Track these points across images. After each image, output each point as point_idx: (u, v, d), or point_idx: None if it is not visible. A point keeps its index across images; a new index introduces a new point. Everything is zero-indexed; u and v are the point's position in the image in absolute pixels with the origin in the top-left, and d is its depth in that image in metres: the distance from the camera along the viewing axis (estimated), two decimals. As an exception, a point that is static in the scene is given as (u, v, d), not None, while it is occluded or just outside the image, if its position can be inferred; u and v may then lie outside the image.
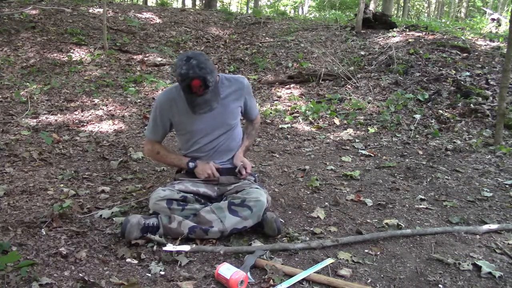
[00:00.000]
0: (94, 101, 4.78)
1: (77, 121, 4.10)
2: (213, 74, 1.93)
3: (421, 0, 27.49)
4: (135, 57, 6.69)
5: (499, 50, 6.15)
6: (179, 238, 1.89)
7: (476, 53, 6.08)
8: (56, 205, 2.15)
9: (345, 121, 4.63)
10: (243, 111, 2.27)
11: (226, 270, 1.59)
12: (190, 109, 2.01)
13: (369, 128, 4.38)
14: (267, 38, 8.13)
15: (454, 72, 5.44)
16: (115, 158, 3.16)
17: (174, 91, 2.12)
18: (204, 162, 2.18)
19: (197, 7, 16.91)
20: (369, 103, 5.09)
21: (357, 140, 4.00)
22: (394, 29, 7.52)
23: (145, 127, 4.02)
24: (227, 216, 1.92)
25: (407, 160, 3.44)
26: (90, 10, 8.46)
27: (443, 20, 12.92)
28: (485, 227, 2.19)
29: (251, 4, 23.45)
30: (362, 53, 6.73)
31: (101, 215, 2.14)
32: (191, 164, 2.17)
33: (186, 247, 1.81)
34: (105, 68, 6.10)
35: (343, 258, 1.84)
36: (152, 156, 2.29)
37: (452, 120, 4.42)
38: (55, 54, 6.31)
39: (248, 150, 2.51)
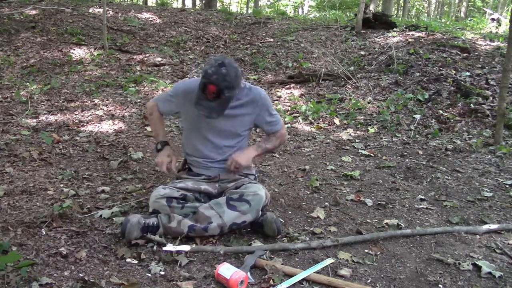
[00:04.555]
0: (94, 101, 4.78)
1: (77, 121, 4.10)
2: (231, 91, 1.92)
3: (421, 0, 27.49)
4: (135, 57, 6.69)
5: (499, 50, 6.14)
6: (179, 238, 1.89)
7: (476, 53, 6.08)
8: (56, 205, 2.15)
9: (345, 121, 4.63)
10: (257, 124, 2.22)
11: (226, 270, 1.59)
12: (194, 100, 1.98)
13: (369, 128, 4.38)
14: (267, 38, 8.13)
15: (454, 72, 5.44)
16: (115, 158, 3.16)
17: (194, 84, 2.11)
18: (166, 153, 2.25)
19: (197, 7, 16.90)
20: (369, 103, 5.09)
21: (357, 140, 4.00)
22: (394, 29, 7.52)
23: (146, 127, 4.04)
24: (226, 211, 1.93)
25: (407, 160, 3.44)
26: (90, 10, 8.46)
27: (443, 20, 12.92)
28: (485, 227, 2.20)
29: (251, 4, 23.45)
30: (362, 53, 6.73)
31: (101, 215, 2.14)
32: (158, 146, 2.29)
33: (186, 247, 1.81)
34: (105, 68, 6.10)
35: (343, 258, 1.84)
36: (148, 113, 2.40)
37: (452, 120, 4.42)
38: (55, 54, 6.30)
39: (262, 154, 2.30)
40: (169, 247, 1.81)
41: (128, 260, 1.75)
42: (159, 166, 2.23)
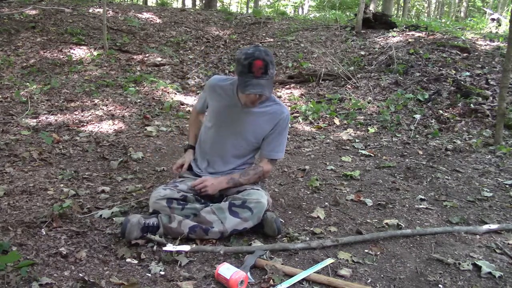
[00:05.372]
0: (94, 101, 4.78)
1: (77, 121, 4.10)
2: (273, 68, 1.96)
3: (421, 0, 27.49)
4: (135, 57, 6.69)
5: (499, 50, 6.15)
6: (179, 238, 1.89)
7: (476, 53, 6.08)
8: (56, 205, 2.15)
9: (345, 121, 4.64)
10: (263, 139, 2.17)
11: (226, 270, 1.59)
12: (241, 89, 1.94)
13: (369, 128, 4.38)
14: (267, 38, 8.13)
15: (454, 72, 5.45)
16: (115, 158, 3.16)
17: (224, 81, 2.17)
18: (182, 157, 2.37)
19: (197, 7, 16.90)
20: (369, 103, 5.09)
21: (357, 140, 4.00)
22: (394, 29, 7.52)
23: (146, 127, 4.05)
24: (228, 217, 1.92)
25: (407, 160, 3.44)
26: (90, 10, 8.46)
27: (443, 20, 12.92)
28: (485, 227, 2.20)
29: (251, 4, 23.45)
30: (362, 53, 6.73)
31: (101, 215, 2.14)
32: (185, 146, 2.47)
33: (186, 247, 1.81)
34: (105, 68, 6.10)
35: (343, 258, 1.84)
36: (189, 117, 2.57)
37: (452, 120, 4.42)
38: (55, 54, 6.31)
39: (234, 186, 2.12)
40: (169, 247, 1.81)
41: (128, 260, 1.75)
42: (178, 165, 2.34)
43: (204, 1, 14.37)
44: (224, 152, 2.18)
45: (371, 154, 3.58)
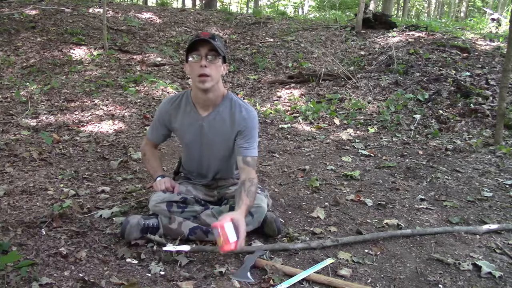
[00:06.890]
0: (94, 101, 4.78)
1: (77, 121, 4.10)
2: (221, 43, 1.85)
3: (421, 0, 27.48)
4: (135, 57, 6.69)
5: (499, 50, 6.15)
6: (179, 238, 1.89)
7: (476, 53, 6.08)
8: (56, 205, 2.15)
9: (345, 121, 4.64)
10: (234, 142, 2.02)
11: (232, 233, 1.64)
12: (189, 52, 1.85)
13: (369, 128, 4.38)
14: (267, 38, 8.13)
15: (454, 72, 5.45)
16: (115, 158, 3.16)
17: (176, 100, 2.05)
18: (164, 179, 2.09)
19: (197, 7, 16.90)
20: (369, 103, 5.09)
21: (357, 140, 4.00)
22: (394, 29, 7.52)
23: (146, 127, 4.04)
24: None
25: (407, 160, 3.44)
26: (90, 10, 8.46)
27: (443, 20, 12.92)
28: (485, 227, 2.19)
29: (251, 4, 23.45)
30: (362, 53, 6.73)
31: (101, 215, 2.14)
32: (158, 179, 2.11)
33: (186, 247, 1.80)
34: (105, 68, 6.10)
35: (343, 258, 1.84)
36: (141, 154, 2.27)
37: (452, 120, 4.42)
38: (55, 54, 6.30)
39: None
40: (169, 247, 1.81)
41: (128, 260, 1.75)
42: (155, 187, 2.06)
43: (204, 1, 14.36)
44: (209, 165, 2.13)
45: (371, 154, 3.58)
